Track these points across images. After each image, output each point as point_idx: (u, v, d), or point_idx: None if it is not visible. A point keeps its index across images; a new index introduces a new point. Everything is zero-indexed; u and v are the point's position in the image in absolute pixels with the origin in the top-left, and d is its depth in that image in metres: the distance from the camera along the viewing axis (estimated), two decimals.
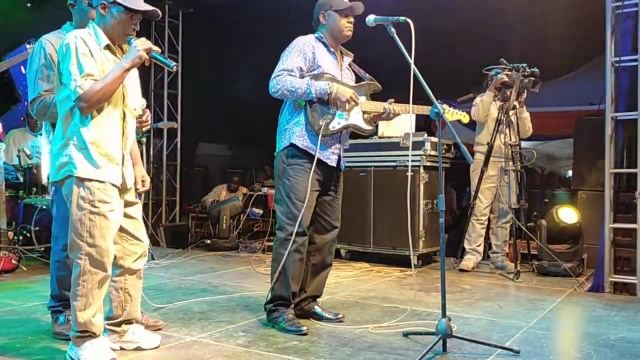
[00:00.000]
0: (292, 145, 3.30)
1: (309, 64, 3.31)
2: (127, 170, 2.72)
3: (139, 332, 2.90)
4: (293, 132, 3.32)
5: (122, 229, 2.73)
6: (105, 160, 2.58)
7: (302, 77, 3.28)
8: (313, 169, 3.24)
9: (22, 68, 6.77)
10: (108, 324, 2.81)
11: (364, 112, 3.43)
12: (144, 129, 3.21)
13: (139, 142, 3.39)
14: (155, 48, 2.61)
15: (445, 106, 3.42)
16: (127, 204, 2.76)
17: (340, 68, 3.45)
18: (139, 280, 2.87)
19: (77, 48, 2.51)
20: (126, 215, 2.75)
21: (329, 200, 3.47)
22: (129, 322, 2.86)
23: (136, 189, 2.85)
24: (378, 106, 3.41)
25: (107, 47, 2.61)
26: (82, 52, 2.51)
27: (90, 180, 2.54)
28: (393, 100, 3.39)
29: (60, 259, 3.03)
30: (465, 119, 3.55)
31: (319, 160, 3.28)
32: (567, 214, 5.45)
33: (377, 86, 3.51)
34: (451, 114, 3.42)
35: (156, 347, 2.89)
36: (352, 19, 3.37)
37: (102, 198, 2.55)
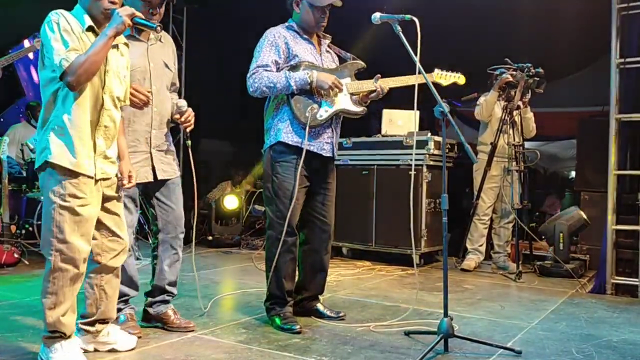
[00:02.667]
0: (279, 142, 3.23)
1: (284, 55, 3.22)
2: (104, 162, 2.58)
3: (114, 332, 2.80)
4: (279, 128, 3.24)
5: (101, 224, 2.61)
6: (82, 147, 2.47)
7: (279, 70, 3.21)
8: (301, 164, 3.17)
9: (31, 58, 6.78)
10: (82, 323, 2.72)
11: (351, 94, 3.33)
12: (187, 130, 3.15)
13: (185, 145, 3.29)
14: (138, 14, 2.53)
15: (437, 70, 3.39)
16: (108, 199, 2.64)
17: (319, 52, 3.36)
18: (116, 278, 2.76)
19: (59, 25, 2.42)
20: (106, 210, 2.64)
21: (321, 199, 3.41)
22: (103, 321, 2.75)
23: (122, 185, 2.73)
24: (365, 85, 3.31)
25: (90, 29, 2.52)
26: (64, 28, 2.42)
27: (62, 171, 2.44)
28: (380, 75, 3.29)
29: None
30: (461, 80, 3.48)
31: (311, 153, 3.22)
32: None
33: (361, 64, 3.41)
34: (446, 77, 3.37)
35: (132, 349, 2.80)
36: (327, 13, 3.28)
37: (72, 192, 2.45)
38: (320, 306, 3.53)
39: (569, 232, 5.23)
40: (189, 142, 3.20)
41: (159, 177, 3.07)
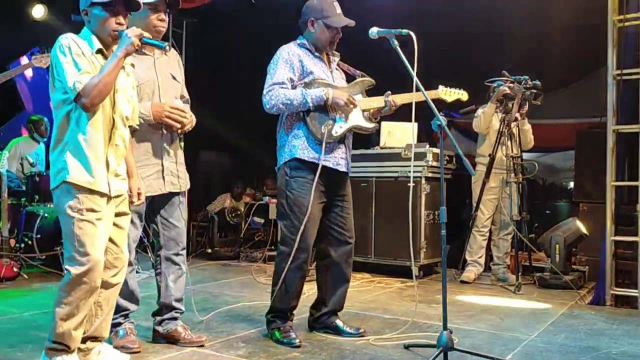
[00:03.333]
0: (295, 159, 3.25)
1: (298, 72, 3.25)
2: (116, 179, 2.63)
3: (105, 351, 2.75)
4: (294, 145, 3.26)
5: (109, 239, 2.63)
6: (98, 166, 2.53)
7: (294, 87, 3.24)
8: (316, 180, 3.19)
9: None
10: None
11: (363, 111, 3.38)
12: (186, 130, 3.12)
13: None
14: (146, 34, 2.58)
15: (442, 87, 3.42)
16: (119, 214, 2.68)
17: (329, 70, 3.41)
18: (114, 296, 2.74)
19: (70, 48, 2.47)
20: (115, 226, 2.67)
21: (338, 210, 3.40)
22: (95, 339, 2.71)
23: (131, 202, 2.77)
24: (376, 102, 3.36)
25: (100, 51, 2.57)
26: (75, 52, 2.48)
27: (79, 188, 2.49)
28: (390, 92, 3.34)
29: None
30: (464, 97, 3.48)
31: (327, 168, 3.24)
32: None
33: (371, 81, 3.46)
34: (450, 94, 3.39)
35: None
36: (340, 34, 3.34)
37: (90, 206, 2.49)
38: (339, 322, 3.47)
39: (566, 244, 5.23)
40: (182, 143, 3.20)
41: (167, 189, 3.09)
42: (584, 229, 5.37)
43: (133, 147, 2.91)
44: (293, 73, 3.25)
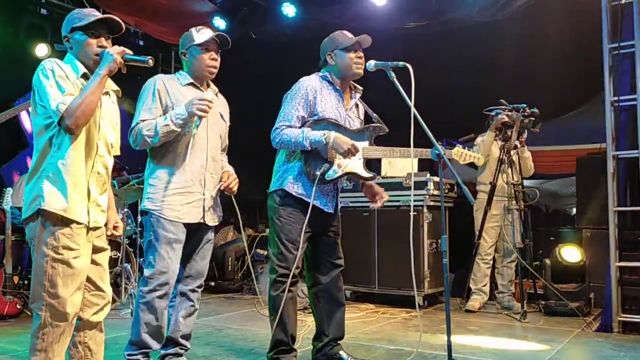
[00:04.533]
0: (283, 189, 3.27)
1: (310, 109, 3.25)
2: (96, 210, 2.51)
3: None
4: (286, 176, 3.28)
5: (87, 277, 2.49)
6: (75, 193, 2.41)
7: (304, 123, 3.25)
8: (306, 221, 3.18)
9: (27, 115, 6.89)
10: None
11: (364, 159, 3.36)
12: (228, 194, 3.22)
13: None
14: (128, 51, 2.53)
15: (457, 147, 3.40)
16: (96, 250, 2.54)
17: (345, 107, 3.38)
18: (100, 333, 2.62)
19: (54, 72, 2.41)
20: (93, 262, 2.53)
21: (326, 240, 3.41)
22: None
23: (108, 235, 2.66)
24: (380, 152, 3.34)
25: (84, 76, 2.51)
26: (59, 75, 2.42)
27: (55, 220, 2.36)
28: (377, 202, 3.42)
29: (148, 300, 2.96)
30: (480, 162, 3.49)
31: (314, 207, 3.23)
32: (571, 253, 5.44)
33: (383, 129, 3.43)
34: (464, 156, 3.35)
35: None
36: (361, 54, 3.29)
37: (66, 244, 2.36)
38: (343, 354, 3.43)
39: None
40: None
41: (208, 222, 3.14)
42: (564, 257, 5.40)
43: (177, 172, 3.03)
44: (305, 110, 3.24)
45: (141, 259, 5.30)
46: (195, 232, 3.13)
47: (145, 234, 3.08)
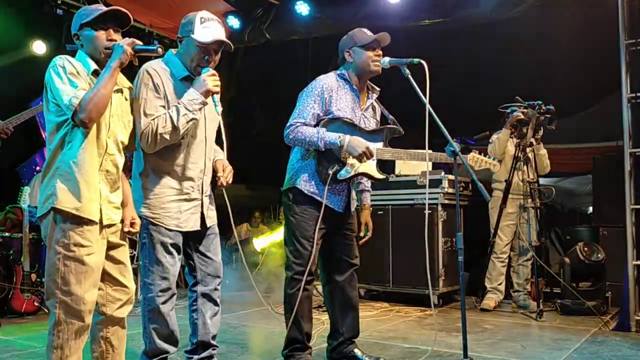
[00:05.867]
0: (296, 187, 3.26)
1: (326, 107, 3.24)
2: (108, 207, 2.50)
3: None
4: (300, 174, 3.27)
5: (105, 273, 2.50)
6: (88, 192, 2.41)
7: (318, 122, 3.23)
8: (320, 219, 3.18)
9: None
10: None
11: (378, 160, 3.34)
12: (224, 186, 3.01)
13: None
14: (138, 42, 2.49)
15: (475, 153, 3.36)
16: (112, 246, 2.54)
17: (361, 107, 3.37)
18: (122, 329, 2.61)
19: (65, 68, 2.40)
20: (111, 258, 2.53)
21: (341, 238, 3.40)
22: None
23: (124, 232, 2.63)
24: (394, 154, 3.32)
25: (95, 72, 2.49)
26: (70, 71, 2.41)
27: (67, 218, 2.36)
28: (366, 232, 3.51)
29: (153, 307, 2.85)
30: (496, 168, 3.43)
31: (327, 206, 3.22)
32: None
33: (399, 131, 3.39)
34: (479, 162, 3.31)
35: None
36: (379, 52, 3.27)
37: (77, 241, 2.36)
38: (357, 352, 3.42)
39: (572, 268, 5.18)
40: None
41: (207, 224, 3.01)
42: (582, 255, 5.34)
43: (176, 177, 2.86)
44: (321, 108, 3.23)
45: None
46: (199, 233, 3.01)
47: (140, 238, 2.90)
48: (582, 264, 5.31)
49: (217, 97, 2.84)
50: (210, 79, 2.79)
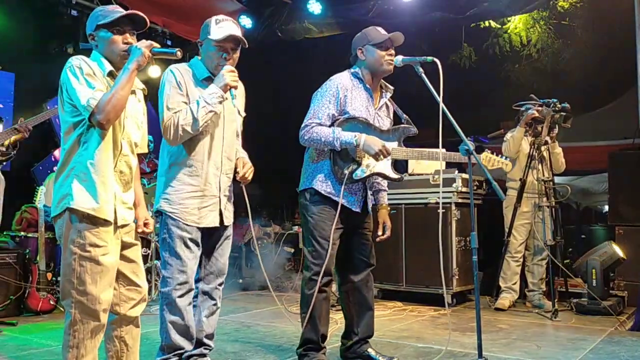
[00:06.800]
0: (313, 188, 3.26)
1: (341, 107, 3.24)
2: (122, 207, 2.52)
3: None
4: (316, 175, 3.27)
5: (119, 273, 2.52)
6: (104, 192, 2.43)
7: (333, 122, 3.22)
8: (336, 219, 3.17)
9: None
10: None
11: (393, 160, 3.33)
12: (243, 184, 3.08)
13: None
14: (156, 44, 2.52)
15: (487, 153, 3.35)
16: (126, 246, 2.56)
17: (375, 106, 3.36)
18: (136, 328, 2.63)
19: (81, 69, 2.41)
20: (124, 258, 2.55)
21: (359, 238, 3.40)
22: None
23: (137, 232, 2.67)
24: (408, 154, 3.31)
25: (110, 74, 2.51)
26: (87, 72, 2.42)
27: (82, 218, 2.38)
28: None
29: (170, 300, 2.91)
30: (508, 168, 3.41)
31: (344, 206, 3.22)
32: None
33: (413, 131, 3.37)
34: (492, 162, 3.29)
35: None
36: (392, 51, 3.26)
37: (93, 241, 2.38)
38: (371, 351, 3.42)
39: (602, 268, 5.09)
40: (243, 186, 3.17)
41: (225, 222, 3.08)
42: (620, 253, 5.23)
43: (194, 174, 2.96)
44: (336, 108, 3.23)
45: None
46: (213, 232, 3.08)
47: (160, 233, 3.00)
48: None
49: (235, 91, 2.94)
50: (228, 74, 2.91)
